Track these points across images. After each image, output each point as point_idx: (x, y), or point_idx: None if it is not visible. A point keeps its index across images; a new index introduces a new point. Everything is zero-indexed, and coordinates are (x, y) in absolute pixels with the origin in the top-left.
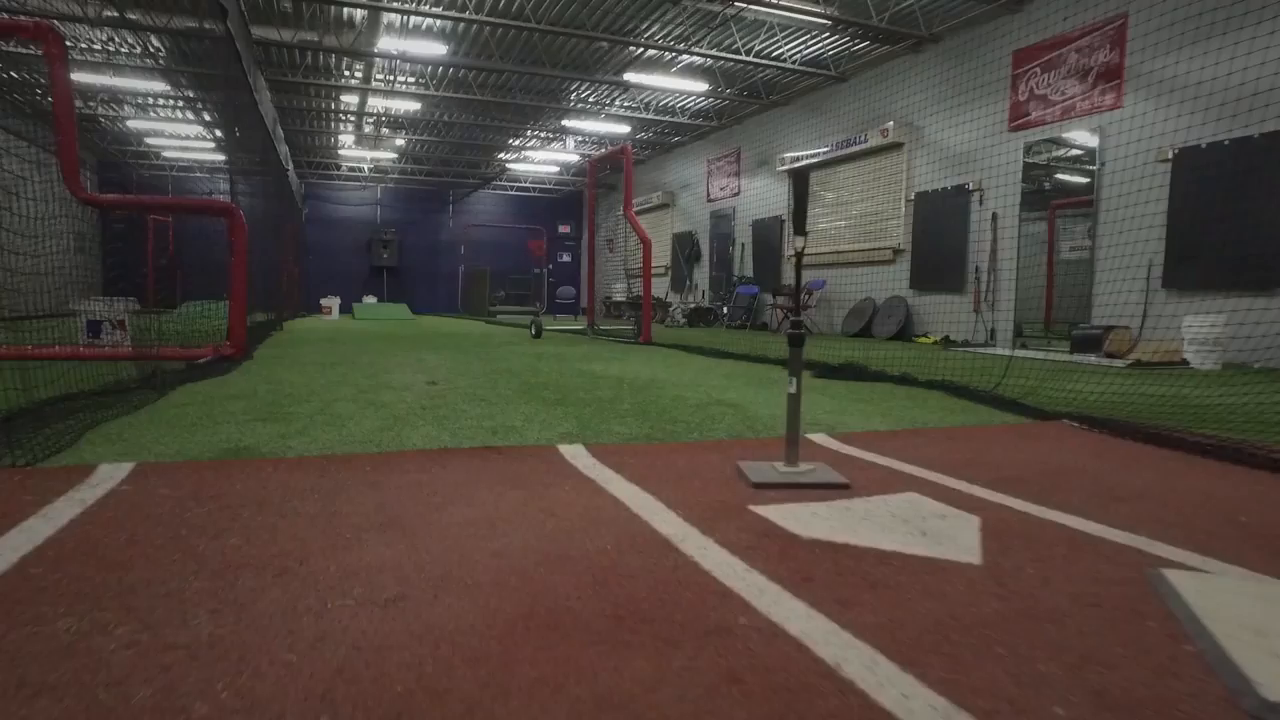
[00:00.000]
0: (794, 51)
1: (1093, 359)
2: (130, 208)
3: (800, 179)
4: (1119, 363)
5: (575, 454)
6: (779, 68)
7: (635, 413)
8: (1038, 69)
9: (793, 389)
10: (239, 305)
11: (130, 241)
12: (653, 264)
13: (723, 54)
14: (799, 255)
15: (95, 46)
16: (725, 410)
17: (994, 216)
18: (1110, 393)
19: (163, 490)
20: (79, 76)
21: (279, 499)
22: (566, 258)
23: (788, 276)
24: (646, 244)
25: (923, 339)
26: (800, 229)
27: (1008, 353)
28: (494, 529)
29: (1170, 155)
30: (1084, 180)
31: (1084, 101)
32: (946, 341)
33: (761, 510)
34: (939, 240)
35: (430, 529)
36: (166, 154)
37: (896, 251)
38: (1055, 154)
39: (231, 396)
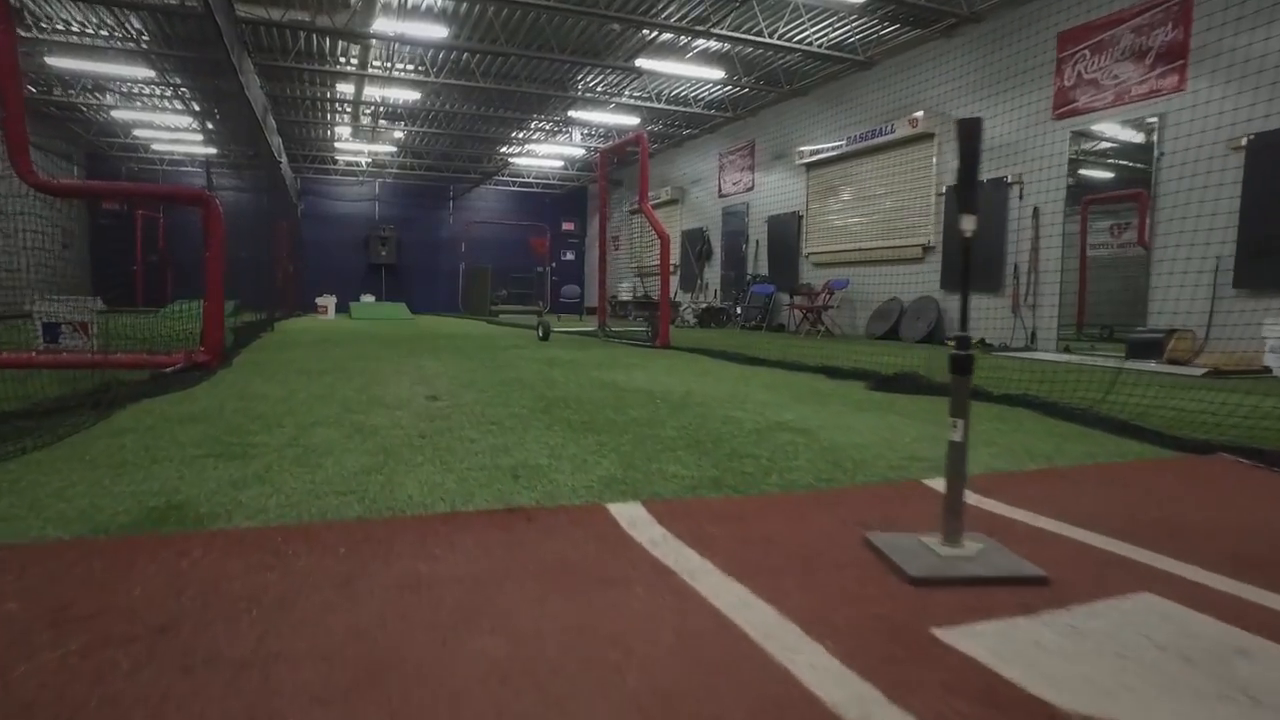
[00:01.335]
0: (819, 35)
1: (1153, 365)
2: (93, 195)
3: (969, 132)
4: (1190, 370)
5: (634, 518)
6: (804, 52)
7: (686, 443)
8: (1087, 51)
9: (957, 435)
10: (215, 306)
11: (119, 237)
12: (653, 263)
13: (745, 36)
14: (967, 242)
15: (73, 28)
16: (794, 439)
17: (1035, 211)
18: (1226, 411)
19: (10, 603)
20: (55, 61)
21: (191, 623)
22: (570, 256)
23: (806, 274)
24: (664, 240)
25: None
26: (970, 205)
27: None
28: (542, 692)
29: (1244, 142)
30: (1109, 175)
31: (1140, 85)
32: (983, 345)
33: (956, 640)
34: (973, 237)
35: (436, 698)
36: (156, 147)
37: (926, 249)
38: (1084, 147)
39: (188, 419)
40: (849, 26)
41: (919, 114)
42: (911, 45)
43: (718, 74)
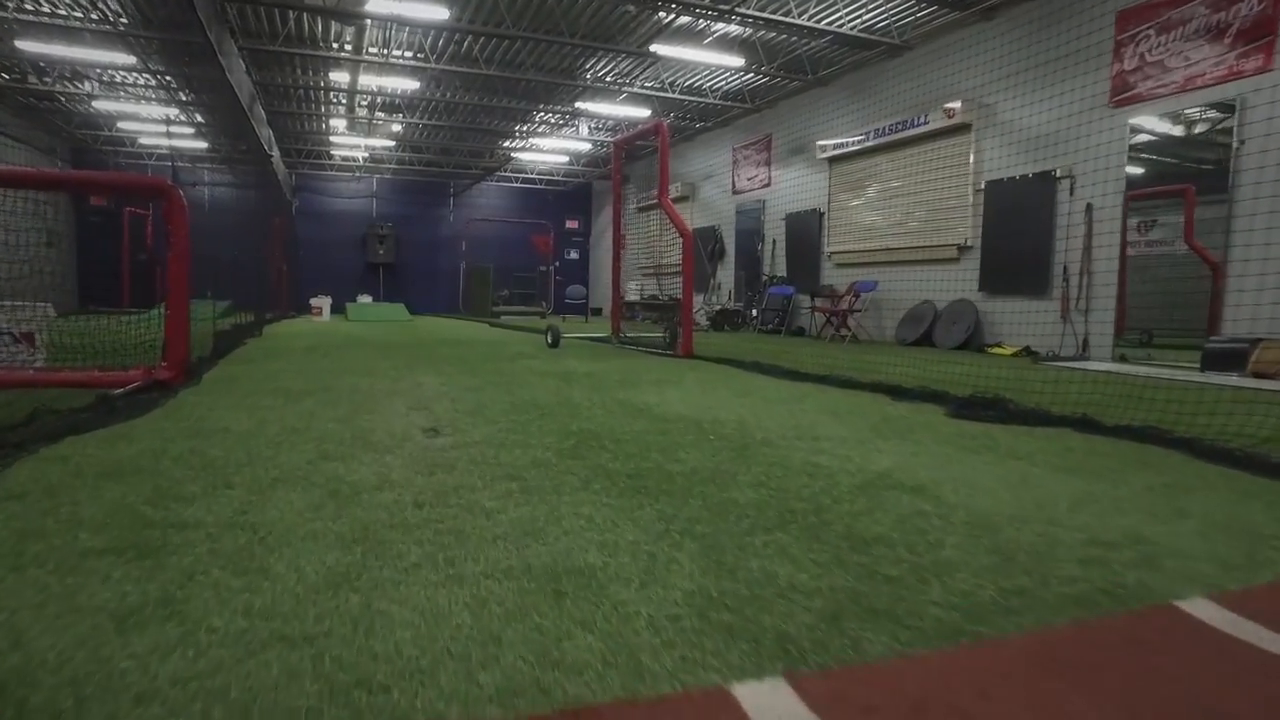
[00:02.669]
0: (851, 18)
1: (1235, 379)
2: (25, 185)
3: None
4: None
5: None
6: (835, 35)
7: (778, 514)
8: (1151, 31)
9: None
10: (179, 313)
11: (107, 236)
12: (670, 262)
13: (773, 17)
14: None
15: (43, 8)
16: (917, 505)
17: (1088, 208)
18: None
19: None
20: (26, 45)
21: None
22: (574, 255)
23: (828, 275)
24: (687, 238)
25: (998, 349)
26: None
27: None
28: None
29: None
30: (1158, 169)
31: (1217, 67)
32: (1028, 353)
33: None
34: (1016, 236)
35: None
36: (144, 141)
37: (962, 249)
38: (1129, 140)
39: (111, 472)
40: (877, 12)
41: (955, 104)
42: (946, 29)
43: (737, 61)
